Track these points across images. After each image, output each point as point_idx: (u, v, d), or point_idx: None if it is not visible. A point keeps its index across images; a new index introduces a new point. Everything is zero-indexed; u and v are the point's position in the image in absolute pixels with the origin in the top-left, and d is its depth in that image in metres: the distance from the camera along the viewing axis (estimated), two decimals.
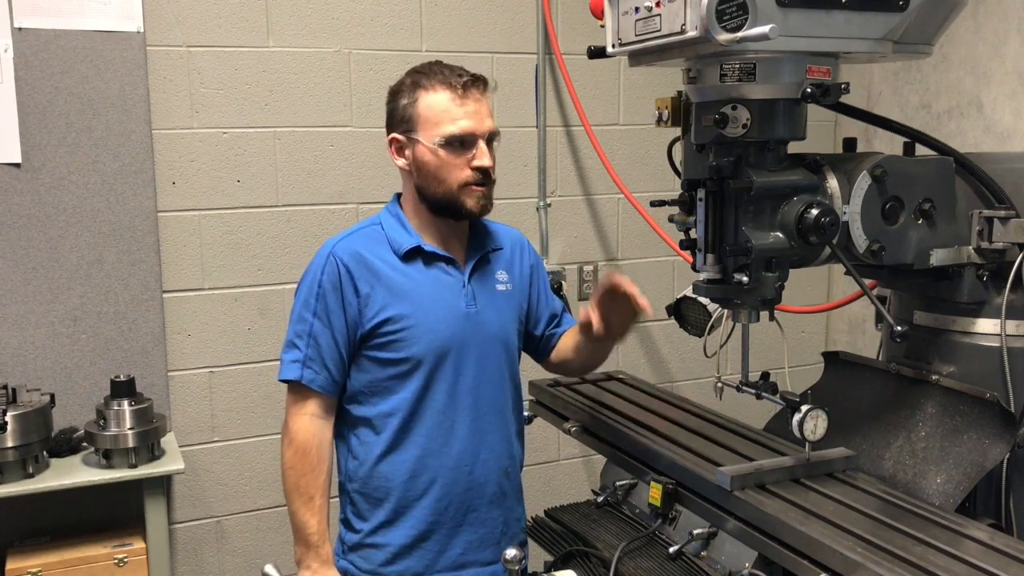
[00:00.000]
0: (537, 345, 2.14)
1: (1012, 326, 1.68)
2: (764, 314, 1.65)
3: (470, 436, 1.93)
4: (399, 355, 1.89)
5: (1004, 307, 1.67)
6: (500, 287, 2.01)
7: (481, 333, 1.95)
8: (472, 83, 1.89)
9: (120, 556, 2.63)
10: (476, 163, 1.87)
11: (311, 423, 1.92)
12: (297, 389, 1.92)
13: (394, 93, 1.95)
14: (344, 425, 1.97)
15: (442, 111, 1.87)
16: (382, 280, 1.90)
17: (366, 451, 1.95)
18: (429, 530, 1.94)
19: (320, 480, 1.92)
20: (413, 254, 1.93)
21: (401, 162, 1.95)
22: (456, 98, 1.87)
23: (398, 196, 2.03)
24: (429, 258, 1.94)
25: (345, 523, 2.02)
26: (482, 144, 1.88)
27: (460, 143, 1.86)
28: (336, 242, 1.96)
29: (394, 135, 1.94)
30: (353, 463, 1.98)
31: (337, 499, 2.03)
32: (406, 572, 1.95)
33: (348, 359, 1.93)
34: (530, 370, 2.16)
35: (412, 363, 1.89)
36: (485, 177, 1.89)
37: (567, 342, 2.10)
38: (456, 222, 1.95)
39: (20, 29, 2.66)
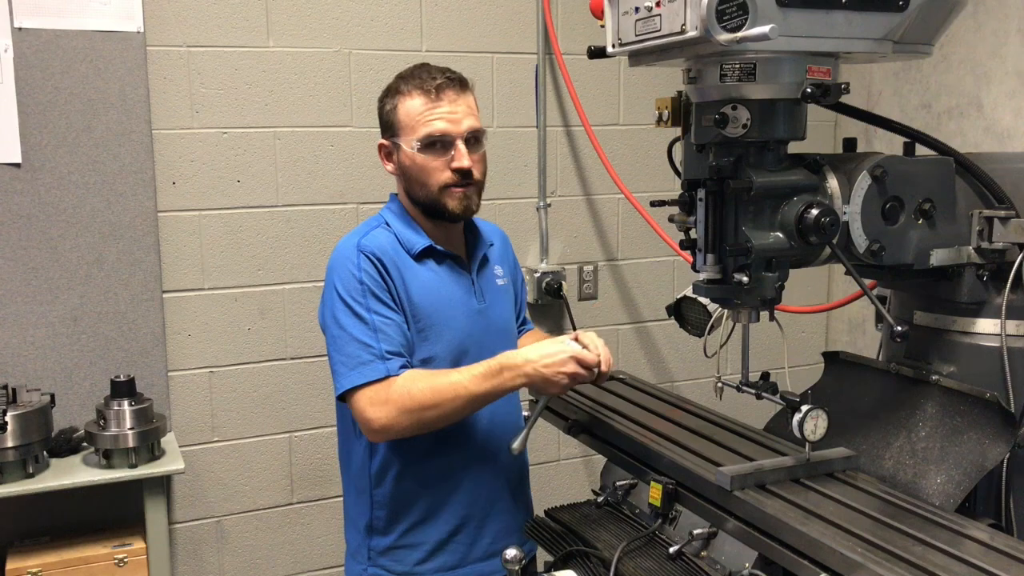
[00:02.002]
0: None
1: (1012, 326, 1.68)
2: (764, 314, 1.65)
3: (492, 428, 1.96)
4: (419, 352, 1.90)
5: (1004, 307, 1.67)
6: (499, 281, 2.06)
7: (492, 328, 1.99)
8: (446, 84, 1.89)
9: (120, 556, 2.63)
10: (454, 164, 1.88)
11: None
12: (382, 388, 1.80)
13: (381, 99, 1.98)
14: None
15: (417, 115, 1.88)
16: (404, 277, 1.90)
17: (395, 453, 1.94)
18: (462, 524, 1.97)
19: (431, 375, 1.81)
20: (425, 254, 1.93)
21: (390, 167, 1.98)
22: (429, 101, 1.88)
23: (395, 196, 2.04)
24: (440, 257, 1.95)
25: (370, 529, 2.00)
26: (460, 145, 1.88)
27: (438, 145, 1.88)
28: (359, 239, 1.92)
29: (381, 141, 1.97)
30: (381, 467, 1.96)
31: (341, 504, 2.02)
32: (442, 567, 1.96)
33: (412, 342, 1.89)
34: None
35: (431, 361, 1.90)
36: (465, 178, 1.89)
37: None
38: (448, 223, 1.97)
39: (20, 29, 2.66)
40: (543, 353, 1.78)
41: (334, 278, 1.89)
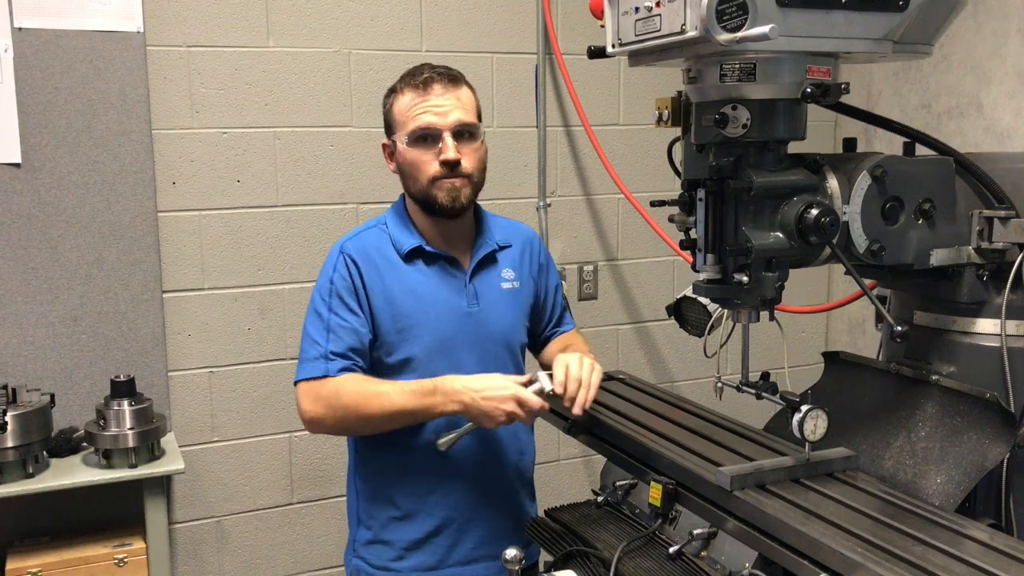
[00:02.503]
0: (535, 342, 2.19)
1: (1012, 326, 1.68)
2: (764, 314, 1.65)
3: (476, 433, 1.94)
4: (399, 352, 1.90)
5: (1004, 307, 1.67)
6: (506, 285, 2.02)
7: (483, 332, 1.96)
8: (434, 78, 1.91)
9: (120, 556, 2.64)
10: (441, 156, 1.89)
11: None
12: (318, 385, 1.88)
13: (384, 99, 2.00)
14: None
15: (407, 110, 1.91)
16: (384, 279, 1.92)
17: (376, 449, 1.96)
18: (441, 525, 1.96)
19: (366, 381, 1.87)
20: (414, 254, 1.94)
21: (392, 166, 1.98)
22: (418, 96, 1.90)
23: (402, 196, 2.04)
24: (430, 258, 1.95)
25: (357, 521, 2.03)
26: (447, 137, 1.89)
27: (426, 138, 1.89)
28: (345, 240, 1.98)
29: (384, 141, 2.00)
30: (361, 460, 1.99)
31: (341, 504, 2.03)
32: (419, 567, 1.96)
33: (370, 349, 1.93)
34: (530, 370, 2.16)
35: (411, 361, 1.91)
36: (452, 170, 1.90)
37: (553, 351, 2.13)
38: (456, 221, 1.96)
39: (20, 29, 2.66)
40: (487, 385, 1.78)
41: (321, 272, 1.97)
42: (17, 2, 2.64)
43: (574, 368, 1.81)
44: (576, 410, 1.81)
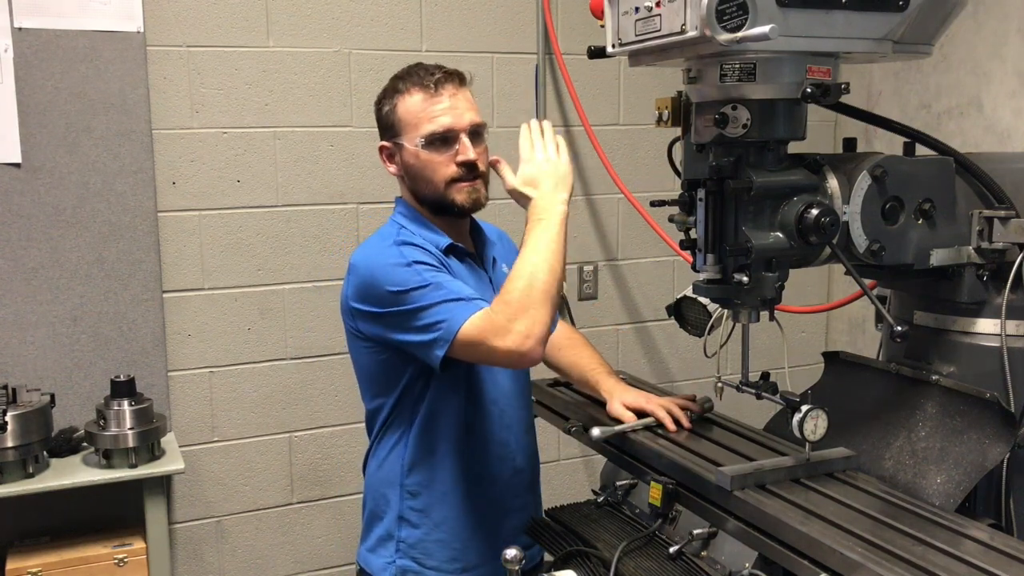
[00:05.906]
0: None
1: (1012, 326, 1.68)
2: (764, 314, 1.65)
3: (513, 424, 1.96)
4: None
5: (1004, 307, 1.67)
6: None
7: None
8: (445, 79, 1.87)
9: (120, 556, 2.64)
10: (459, 158, 1.86)
11: None
12: (480, 328, 1.70)
13: (379, 101, 1.95)
14: (405, 423, 1.93)
15: (419, 111, 1.86)
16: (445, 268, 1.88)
17: (430, 445, 1.92)
18: (484, 520, 1.96)
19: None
20: (447, 251, 1.92)
21: (392, 168, 1.95)
22: (430, 97, 1.86)
23: (401, 200, 2.02)
24: (461, 254, 1.94)
25: (402, 520, 1.96)
26: (464, 138, 1.86)
27: (441, 141, 1.86)
28: (393, 237, 1.87)
29: (382, 143, 1.95)
30: (415, 459, 1.93)
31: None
32: (468, 566, 1.95)
33: None
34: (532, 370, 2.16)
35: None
36: (470, 171, 1.88)
37: (569, 358, 2.14)
38: (458, 220, 1.96)
39: (20, 29, 2.66)
40: None
41: (382, 285, 1.80)
42: (17, 2, 2.64)
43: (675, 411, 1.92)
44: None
